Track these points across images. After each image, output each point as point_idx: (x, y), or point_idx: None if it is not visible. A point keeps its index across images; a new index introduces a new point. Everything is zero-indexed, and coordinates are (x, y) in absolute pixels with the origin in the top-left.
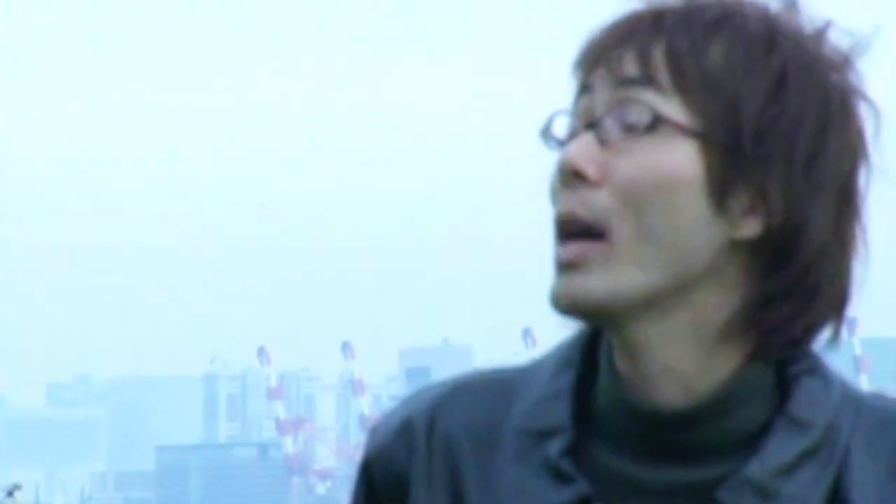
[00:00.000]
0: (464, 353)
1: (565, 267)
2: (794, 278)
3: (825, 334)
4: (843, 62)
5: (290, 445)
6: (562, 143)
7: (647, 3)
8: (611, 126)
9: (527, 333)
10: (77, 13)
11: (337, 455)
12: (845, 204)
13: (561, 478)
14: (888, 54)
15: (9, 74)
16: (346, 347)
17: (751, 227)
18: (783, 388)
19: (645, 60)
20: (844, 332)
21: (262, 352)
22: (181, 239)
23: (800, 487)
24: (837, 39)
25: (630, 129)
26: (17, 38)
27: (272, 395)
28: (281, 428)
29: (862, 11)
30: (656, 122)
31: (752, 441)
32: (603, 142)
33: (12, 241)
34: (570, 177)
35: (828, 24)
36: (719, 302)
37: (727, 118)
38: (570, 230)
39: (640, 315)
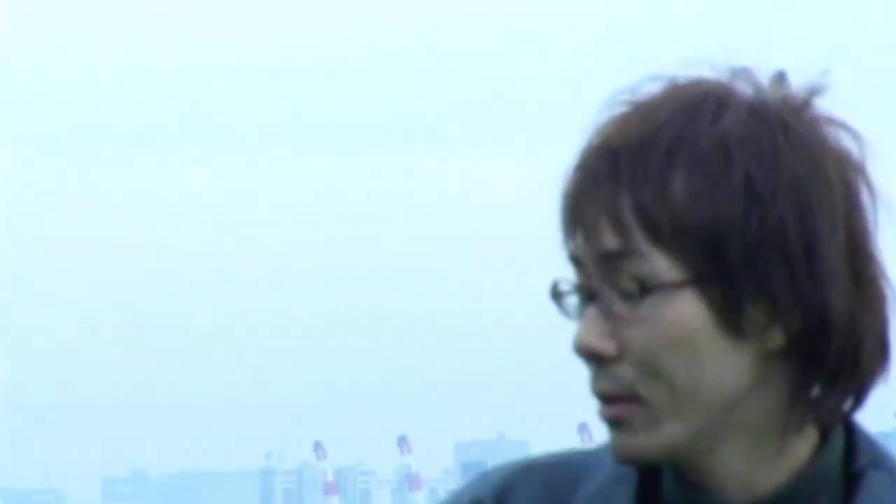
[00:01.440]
0: (520, 448)
1: (612, 425)
2: (833, 362)
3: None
4: (803, 105)
5: None
6: (572, 295)
7: (605, 132)
8: (609, 298)
9: (583, 428)
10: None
11: None
12: (859, 259)
13: None
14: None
15: None
16: (402, 442)
17: (774, 340)
18: (850, 481)
19: (619, 227)
20: None
21: (318, 446)
22: (237, 334)
23: None
24: (793, 86)
25: (627, 298)
26: None
27: (328, 490)
28: None
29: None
30: (646, 289)
31: None
32: (607, 314)
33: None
34: (589, 358)
35: (781, 75)
36: (767, 407)
37: (711, 253)
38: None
39: (694, 444)
